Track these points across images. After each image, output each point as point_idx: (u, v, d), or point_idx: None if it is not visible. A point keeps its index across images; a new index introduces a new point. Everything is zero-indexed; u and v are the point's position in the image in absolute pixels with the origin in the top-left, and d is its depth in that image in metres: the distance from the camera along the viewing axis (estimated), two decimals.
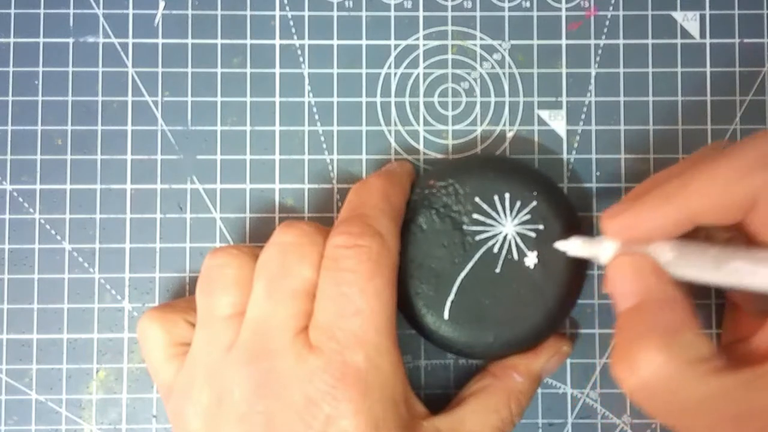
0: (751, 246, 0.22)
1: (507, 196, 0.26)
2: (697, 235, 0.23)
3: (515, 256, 0.26)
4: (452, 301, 0.26)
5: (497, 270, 0.26)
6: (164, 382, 0.26)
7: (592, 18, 0.30)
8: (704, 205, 0.21)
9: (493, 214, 0.26)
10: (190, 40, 0.30)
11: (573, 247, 0.25)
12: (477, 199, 0.26)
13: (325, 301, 0.24)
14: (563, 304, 0.26)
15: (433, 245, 0.26)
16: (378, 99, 0.30)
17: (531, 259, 0.26)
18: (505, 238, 0.26)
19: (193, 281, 0.29)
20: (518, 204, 0.26)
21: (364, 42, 0.30)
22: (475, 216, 0.26)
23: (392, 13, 0.30)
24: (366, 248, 0.24)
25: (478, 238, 0.26)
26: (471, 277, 0.26)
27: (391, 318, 0.24)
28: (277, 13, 0.30)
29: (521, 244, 0.26)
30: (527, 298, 0.26)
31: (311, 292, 0.24)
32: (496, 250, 0.26)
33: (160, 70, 0.30)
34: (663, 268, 0.23)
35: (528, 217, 0.26)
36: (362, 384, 0.23)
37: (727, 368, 0.21)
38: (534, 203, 0.26)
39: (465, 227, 0.26)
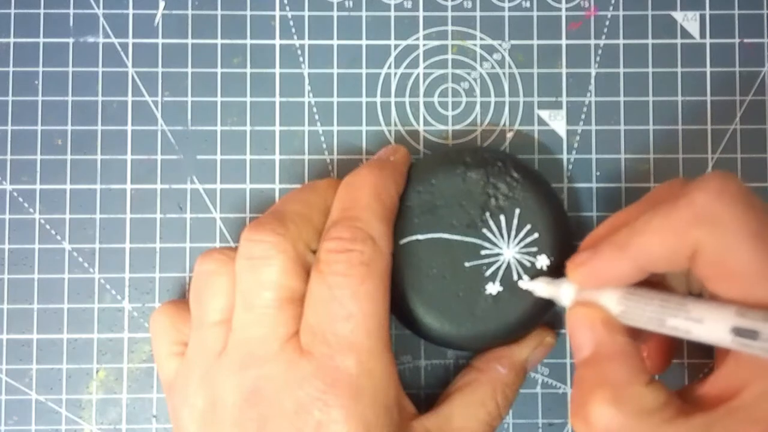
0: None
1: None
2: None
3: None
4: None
5: (486, 274, 0.26)
6: (165, 378, 0.27)
7: (592, 18, 0.30)
8: (650, 256, 0.22)
9: (495, 234, 0.26)
10: (190, 40, 0.30)
11: (536, 287, 0.25)
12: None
13: (316, 305, 0.24)
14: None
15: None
16: (378, 99, 0.30)
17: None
18: (506, 261, 0.26)
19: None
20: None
21: (364, 42, 0.30)
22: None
23: (392, 13, 0.30)
24: (358, 252, 0.24)
25: (470, 241, 0.26)
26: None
27: (383, 322, 0.24)
28: (277, 13, 0.30)
29: (519, 268, 0.26)
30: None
31: (295, 298, 0.24)
32: (488, 262, 0.26)
33: (160, 70, 0.30)
34: (614, 319, 0.23)
35: (527, 241, 0.26)
36: (354, 389, 0.23)
37: (679, 416, 0.21)
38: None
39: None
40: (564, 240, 0.27)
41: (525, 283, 0.26)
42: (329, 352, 0.23)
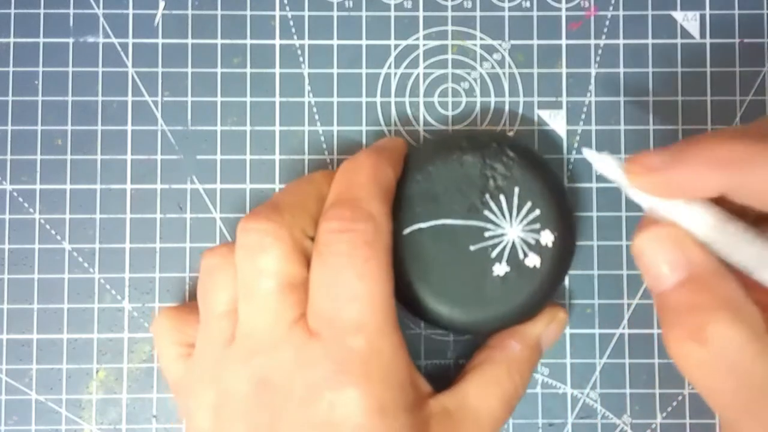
0: None
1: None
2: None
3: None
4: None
5: (492, 255, 0.26)
6: (174, 380, 0.27)
7: (592, 18, 0.30)
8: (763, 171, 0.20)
9: (496, 213, 0.26)
10: (190, 40, 0.30)
11: (601, 161, 0.23)
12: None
13: (321, 288, 0.24)
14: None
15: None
16: (378, 99, 0.30)
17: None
18: (510, 240, 0.26)
19: (193, 281, 0.29)
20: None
21: (364, 42, 0.30)
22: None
23: (392, 13, 0.30)
24: (359, 232, 0.24)
25: (472, 224, 0.26)
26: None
27: (389, 300, 0.24)
28: (277, 13, 0.30)
29: (524, 246, 0.26)
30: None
31: (296, 283, 0.24)
32: (492, 243, 0.26)
33: (160, 70, 0.30)
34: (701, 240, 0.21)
35: (529, 218, 0.26)
36: (364, 368, 0.23)
37: None
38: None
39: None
40: (566, 213, 0.27)
41: (589, 153, 0.23)
42: (337, 333, 0.23)
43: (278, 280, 0.24)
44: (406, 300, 0.26)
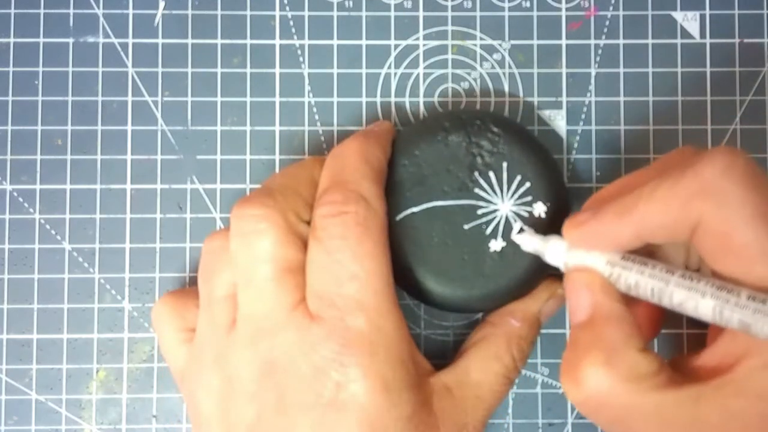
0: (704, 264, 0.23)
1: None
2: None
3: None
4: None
5: (487, 232, 0.26)
6: (177, 366, 0.27)
7: (592, 18, 0.30)
8: (652, 226, 0.22)
9: (487, 190, 0.26)
10: (190, 40, 0.30)
11: (523, 240, 0.26)
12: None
13: (319, 271, 0.24)
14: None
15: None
16: (378, 99, 0.30)
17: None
18: (503, 215, 0.26)
19: (194, 281, 0.29)
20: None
21: (364, 42, 0.30)
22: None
23: (392, 13, 0.30)
24: (352, 214, 0.24)
25: (464, 203, 0.26)
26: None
27: (387, 279, 0.24)
28: (277, 13, 0.30)
29: (518, 220, 0.26)
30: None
31: (293, 267, 0.24)
32: (485, 220, 0.26)
33: (160, 70, 0.30)
34: (612, 285, 0.23)
35: (520, 192, 0.26)
36: (367, 347, 0.23)
37: (669, 385, 0.21)
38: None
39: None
40: (556, 183, 0.27)
41: (514, 236, 0.26)
42: (338, 314, 0.23)
43: (275, 265, 0.24)
44: (407, 284, 0.27)
